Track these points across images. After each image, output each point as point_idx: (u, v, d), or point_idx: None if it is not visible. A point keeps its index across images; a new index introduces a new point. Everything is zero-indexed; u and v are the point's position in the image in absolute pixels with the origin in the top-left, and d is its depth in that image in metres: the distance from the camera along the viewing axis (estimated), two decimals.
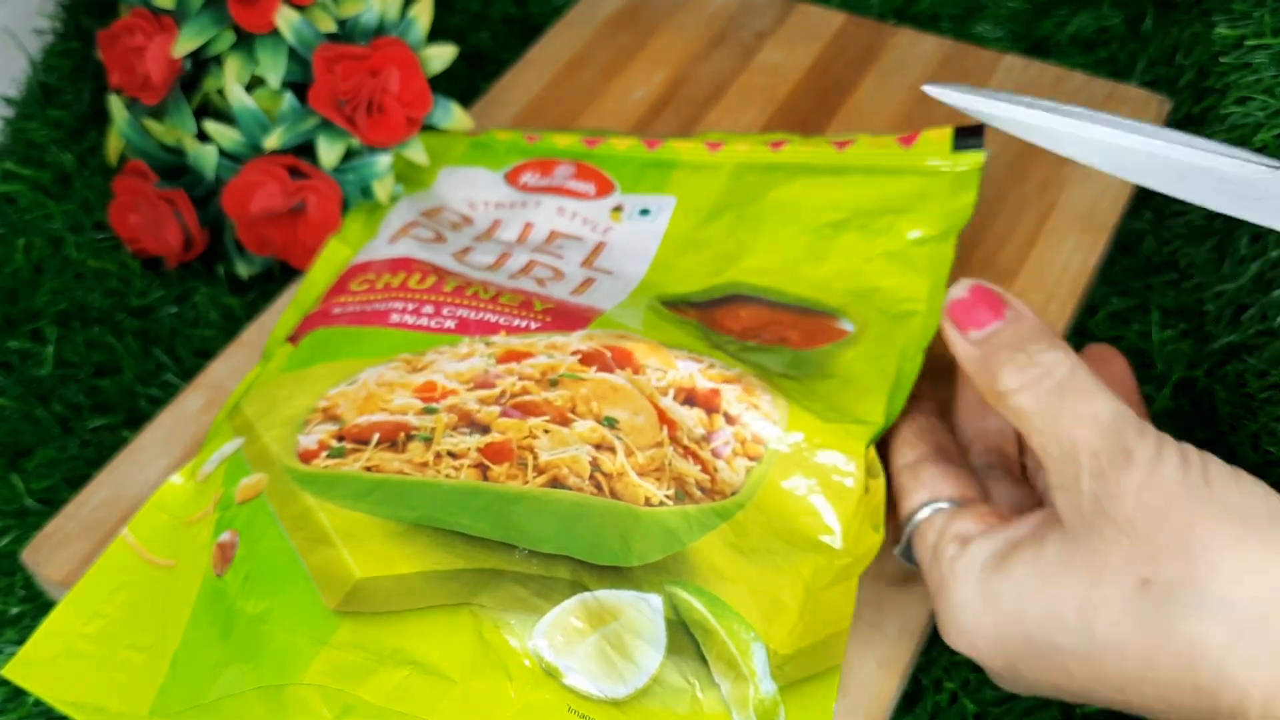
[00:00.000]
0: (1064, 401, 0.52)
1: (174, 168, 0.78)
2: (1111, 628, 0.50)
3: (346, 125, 0.75)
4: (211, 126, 0.75)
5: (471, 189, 0.79)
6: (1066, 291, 0.73)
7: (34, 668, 0.58)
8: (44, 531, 0.67)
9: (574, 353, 0.62)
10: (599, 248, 0.73)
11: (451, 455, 0.58)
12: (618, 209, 0.75)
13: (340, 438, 0.60)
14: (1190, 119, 0.80)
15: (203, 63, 0.77)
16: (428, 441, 0.58)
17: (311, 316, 0.69)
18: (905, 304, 0.67)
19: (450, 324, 0.65)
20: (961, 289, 0.56)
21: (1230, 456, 0.67)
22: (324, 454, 0.59)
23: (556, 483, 0.56)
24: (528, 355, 0.63)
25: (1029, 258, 0.75)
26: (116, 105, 0.77)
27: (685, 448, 0.59)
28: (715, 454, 0.60)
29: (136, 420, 0.74)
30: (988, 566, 0.54)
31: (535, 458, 0.57)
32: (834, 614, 0.59)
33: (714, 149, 0.76)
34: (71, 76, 0.91)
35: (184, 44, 0.74)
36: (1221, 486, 0.49)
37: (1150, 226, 0.79)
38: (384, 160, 0.77)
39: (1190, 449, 0.51)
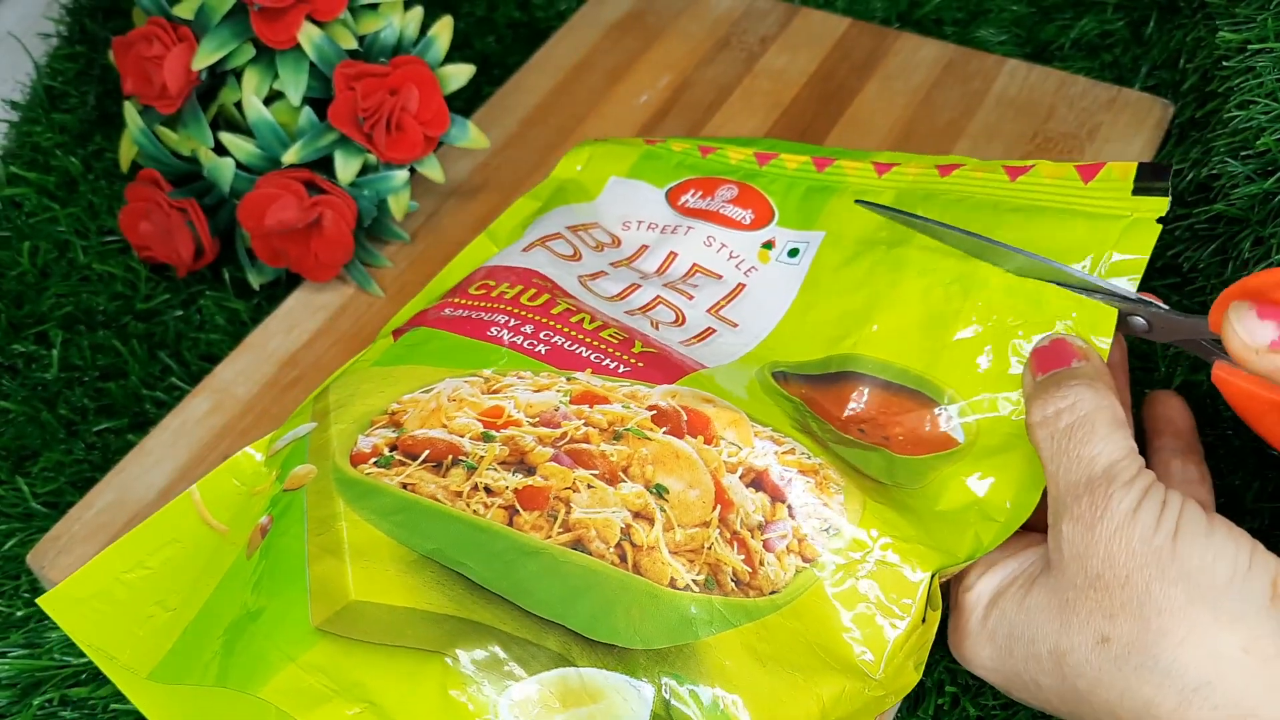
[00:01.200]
0: (1070, 442, 0.53)
1: (186, 176, 0.78)
2: (1078, 675, 0.52)
3: (365, 142, 0.75)
4: (228, 139, 0.75)
5: (630, 207, 0.75)
6: None
7: (67, 603, 0.58)
8: (49, 535, 0.67)
9: (650, 408, 0.59)
10: (736, 291, 0.70)
11: (487, 490, 0.56)
12: (768, 245, 0.70)
13: (393, 447, 0.58)
14: (1193, 123, 0.80)
15: (220, 74, 0.77)
16: (471, 470, 0.57)
17: (424, 313, 0.68)
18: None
19: (542, 349, 0.63)
20: (1048, 339, 0.58)
21: (1234, 460, 0.67)
22: (373, 460, 0.58)
23: (579, 544, 0.54)
24: (603, 400, 0.60)
25: None
26: (131, 113, 0.77)
27: (734, 533, 0.56)
28: (767, 546, 0.56)
29: (142, 424, 0.74)
30: (986, 601, 0.56)
31: (567, 512, 0.55)
32: None
33: (882, 171, 0.71)
34: (77, 80, 0.91)
35: (204, 57, 0.74)
36: (1188, 547, 0.50)
37: None
38: (400, 176, 0.77)
39: (1175, 502, 0.51)
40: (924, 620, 0.56)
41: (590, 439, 0.58)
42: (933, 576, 0.56)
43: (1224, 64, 0.76)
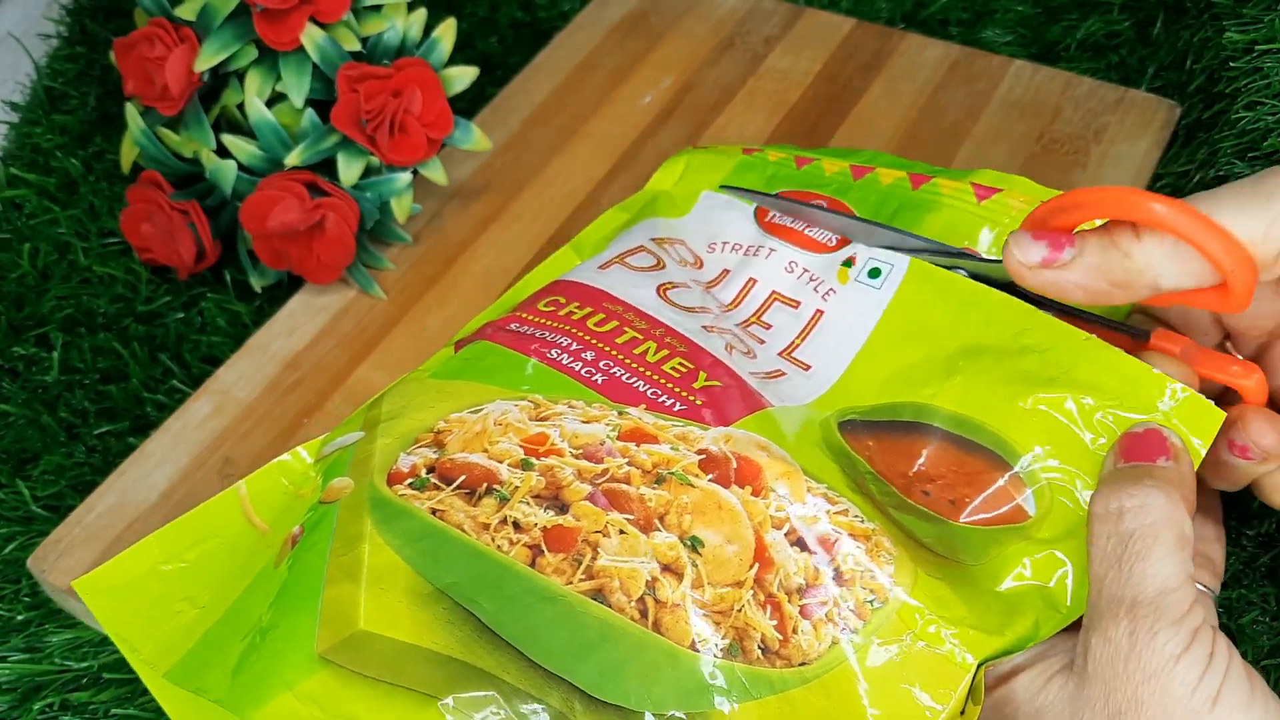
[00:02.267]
0: (1126, 550, 0.50)
1: (188, 178, 0.78)
2: None
3: (368, 144, 0.74)
4: (230, 140, 0.75)
5: (717, 228, 0.72)
6: None
7: (101, 589, 0.57)
8: (50, 538, 0.67)
9: (700, 451, 0.57)
10: (813, 322, 0.66)
11: (516, 526, 0.54)
12: (849, 263, 0.67)
13: (431, 469, 0.57)
14: (1200, 124, 0.80)
15: (222, 76, 0.77)
16: (503, 501, 0.55)
17: (490, 324, 0.66)
18: None
19: (598, 379, 0.61)
20: (1144, 426, 0.54)
21: None
22: (409, 481, 0.57)
23: (600, 594, 0.52)
24: (651, 439, 0.57)
25: None
26: (132, 114, 0.77)
27: (770, 595, 0.53)
28: (804, 612, 0.53)
29: (143, 427, 0.74)
30: (1001, 672, 0.53)
31: (593, 557, 0.53)
32: None
33: (983, 197, 0.67)
34: (77, 81, 0.91)
35: (206, 59, 0.74)
36: (1227, 711, 0.47)
37: None
38: (403, 178, 0.77)
39: (1221, 658, 0.48)
40: (962, 713, 0.52)
41: (631, 480, 0.55)
42: (980, 665, 0.52)
43: (1231, 65, 0.76)
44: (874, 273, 0.66)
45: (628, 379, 0.61)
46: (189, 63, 0.74)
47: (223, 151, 0.76)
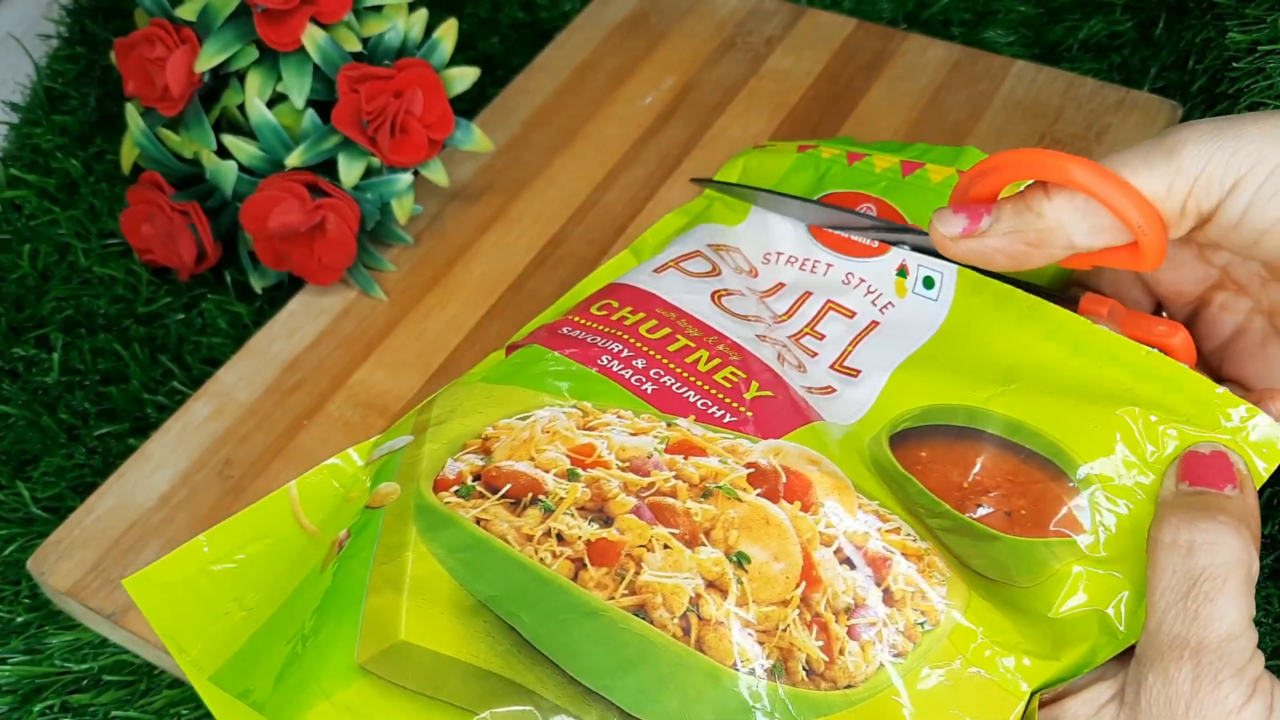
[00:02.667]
0: (1194, 589, 0.48)
1: (188, 178, 0.78)
2: None
3: (368, 145, 0.74)
4: (231, 141, 0.75)
5: (772, 239, 0.71)
6: None
7: (151, 587, 0.57)
8: (50, 540, 0.67)
9: (749, 465, 0.55)
10: (868, 329, 0.65)
11: (559, 538, 0.53)
12: (901, 273, 0.65)
13: (477, 476, 0.56)
14: None
15: (223, 76, 0.77)
16: (548, 512, 0.54)
17: (542, 328, 0.65)
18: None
19: (648, 388, 0.60)
20: (1209, 447, 0.52)
21: None
22: (454, 489, 0.56)
23: (642, 610, 0.51)
24: (699, 452, 0.56)
25: None
26: (133, 115, 0.77)
27: (816, 615, 0.52)
28: (852, 633, 0.51)
29: (144, 428, 0.74)
30: (1077, 715, 0.51)
31: (637, 572, 0.52)
32: None
33: None
34: (78, 82, 0.91)
35: (207, 59, 0.73)
36: None
37: None
38: (404, 179, 0.76)
39: (1277, 704, 0.47)
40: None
41: (678, 493, 0.54)
42: (1034, 694, 0.51)
43: (1234, 65, 0.75)
44: (928, 282, 0.65)
45: (678, 388, 0.60)
46: (190, 63, 0.74)
47: (223, 152, 0.76)
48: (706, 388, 0.60)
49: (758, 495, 0.54)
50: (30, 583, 0.68)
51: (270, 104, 0.76)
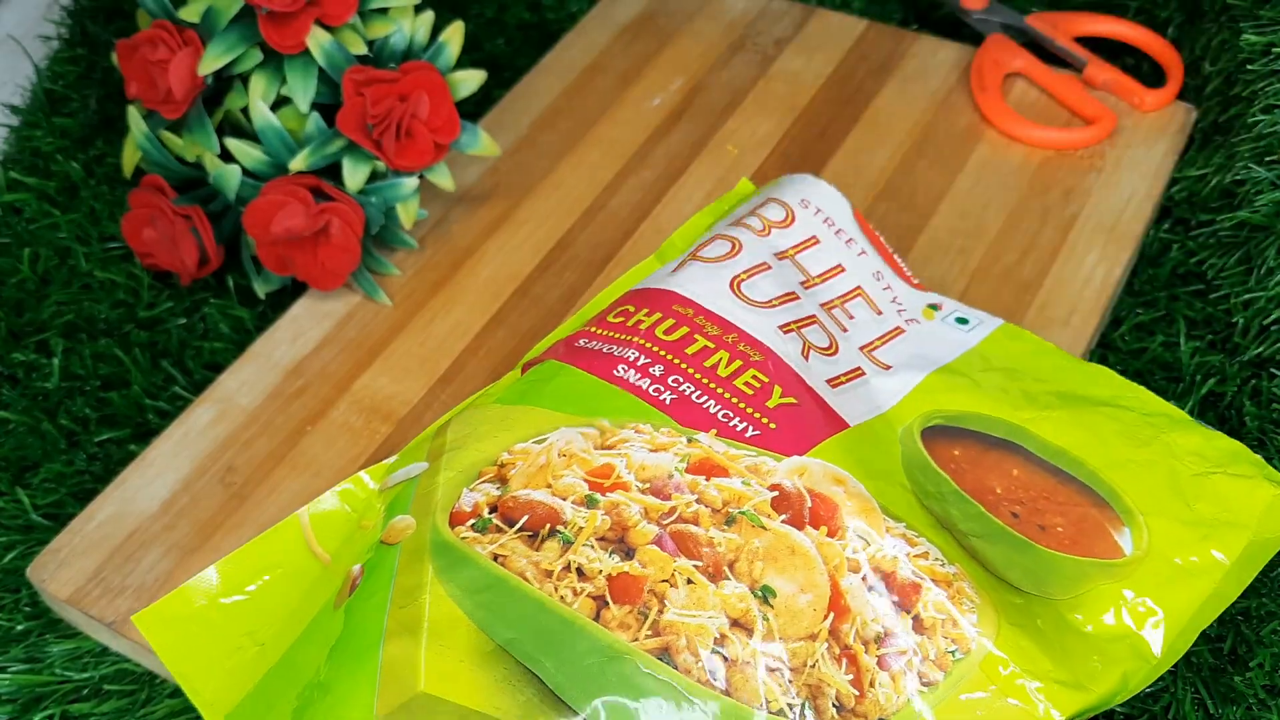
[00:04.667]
0: None
1: (190, 182, 0.77)
2: None
3: (373, 149, 0.74)
4: (234, 144, 0.74)
5: (813, 195, 0.71)
6: (1090, 304, 0.72)
7: (162, 622, 0.56)
8: (50, 547, 0.66)
9: (773, 487, 0.55)
10: (894, 333, 0.66)
11: (580, 573, 0.52)
12: (934, 307, 0.67)
13: (493, 508, 0.55)
14: (1217, 128, 0.79)
15: (226, 79, 0.76)
16: (567, 545, 0.53)
17: (559, 343, 0.64)
18: (1207, 547, 0.56)
19: (667, 398, 0.59)
20: None
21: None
22: (470, 523, 0.55)
23: (666, 653, 0.50)
24: (721, 473, 0.55)
25: (1051, 270, 0.74)
26: (135, 117, 0.76)
27: (846, 647, 0.51)
28: (882, 663, 0.51)
29: (145, 434, 0.73)
30: None
31: (660, 610, 0.51)
32: None
33: None
34: (78, 84, 0.90)
35: (210, 61, 0.73)
36: None
37: (1176, 237, 0.77)
38: (409, 183, 0.76)
39: None
40: None
41: (700, 520, 0.53)
42: None
43: (1248, 67, 0.75)
44: (961, 320, 0.66)
45: (698, 397, 0.59)
46: (193, 66, 0.73)
47: (226, 156, 0.75)
48: (727, 395, 0.59)
49: (782, 521, 0.53)
50: (30, 590, 0.68)
51: (274, 107, 0.75)
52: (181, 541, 0.66)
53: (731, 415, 0.58)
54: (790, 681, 0.50)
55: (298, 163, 0.74)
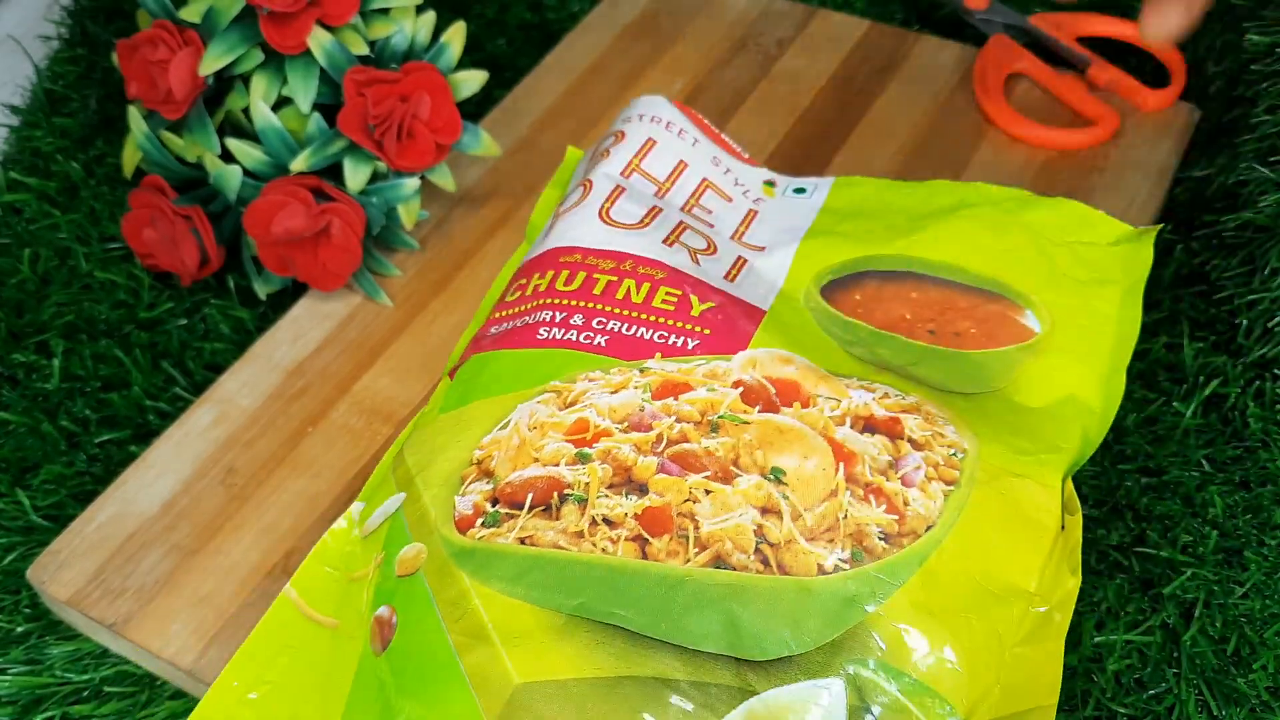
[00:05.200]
0: None
1: (190, 182, 0.77)
2: None
3: (374, 149, 0.74)
4: (235, 145, 0.74)
5: (635, 108, 0.74)
6: None
7: None
8: (50, 549, 0.66)
9: (735, 384, 0.57)
10: (750, 216, 0.69)
11: (608, 523, 0.53)
12: (770, 184, 0.72)
13: (494, 500, 0.55)
14: (1220, 128, 0.79)
15: (227, 79, 0.76)
16: (582, 504, 0.53)
17: (474, 341, 0.65)
18: (1093, 306, 0.63)
19: (601, 341, 0.60)
20: None
21: (1262, 474, 0.66)
22: (479, 522, 0.55)
23: (719, 560, 0.51)
24: (685, 388, 0.57)
25: None
26: (135, 117, 0.76)
27: (867, 484, 0.54)
28: (905, 481, 0.54)
29: (145, 435, 0.73)
30: None
31: (696, 528, 0.52)
32: (1036, 680, 0.53)
33: None
34: (78, 84, 0.90)
35: (211, 62, 0.73)
36: None
37: (1179, 237, 0.77)
38: (411, 184, 0.76)
39: None
40: (1063, 527, 0.54)
41: (688, 436, 0.55)
42: (1063, 482, 0.55)
43: (1252, 68, 0.75)
44: (799, 190, 0.70)
45: (629, 330, 0.60)
46: (193, 66, 0.73)
47: (227, 156, 0.75)
48: (653, 319, 0.61)
49: (760, 412, 0.56)
50: (30, 592, 0.68)
51: (275, 107, 0.75)
52: (182, 543, 0.66)
53: (667, 335, 0.60)
54: (832, 540, 0.51)
55: (299, 163, 0.73)
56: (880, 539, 0.52)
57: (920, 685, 0.49)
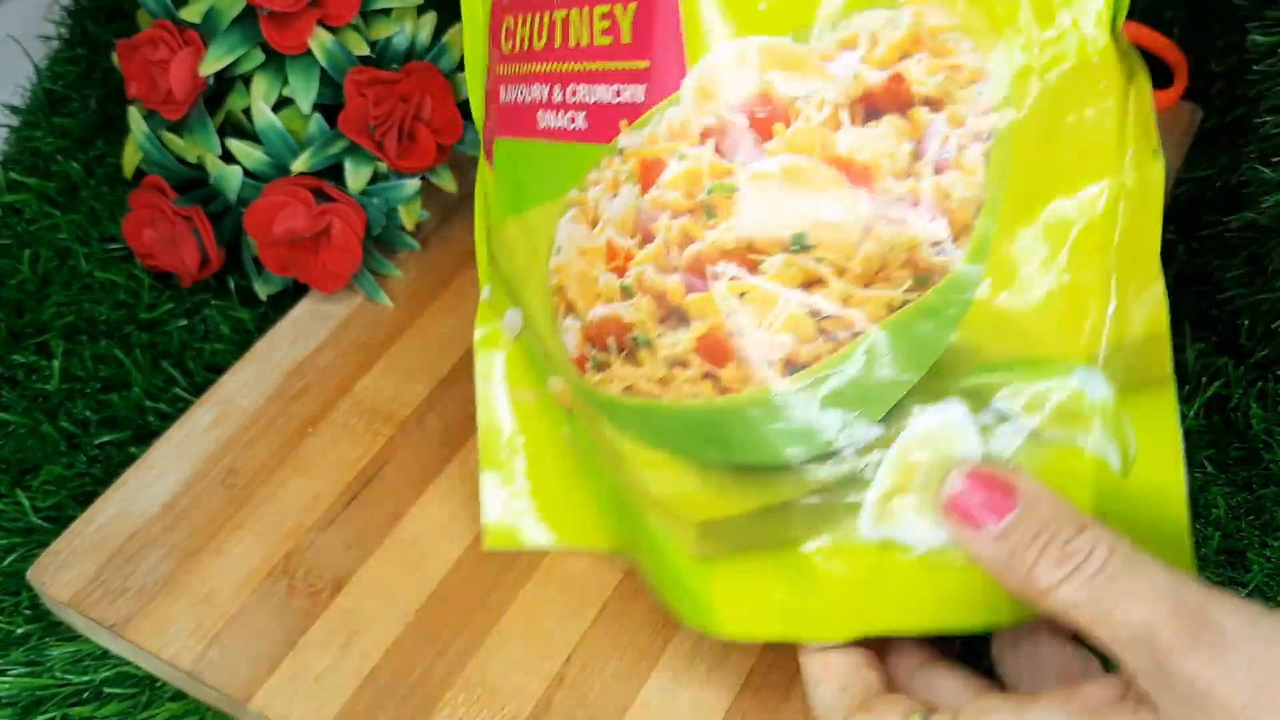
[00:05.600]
0: (1116, 584, 0.45)
1: (190, 182, 0.77)
2: None
3: (375, 150, 0.73)
4: (236, 145, 0.74)
5: None
6: None
7: (501, 532, 0.61)
8: (50, 550, 0.66)
9: (702, 135, 0.48)
10: None
11: (680, 364, 0.49)
12: None
13: (590, 342, 0.52)
14: (1222, 128, 0.79)
15: (228, 80, 0.76)
16: (649, 346, 0.50)
17: (490, 109, 0.59)
18: None
19: (581, 122, 0.52)
20: (957, 480, 0.49)
21: (1265, 476, 0.66)
22: (589, 365, 0.52)
23: (791, 364, 0.48)
24: (659, 167, 0.49)
25: None
26: (135, 118, 0.76)
27: (899, 198, 0.47)
28: (939, 168, 0.47)
29: (145, 436, 0.73)
30: None
31: (746, 337, 0.48)
32: (1146, 310, 0.50)
33: None
34: (78, 84, 0.90)
35: (211, 62, 0.73)
36: None
37: (1181, 238, 0.77)
38: (411, 185, 0.76)
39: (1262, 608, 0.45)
40: (1131, 79, 0.49)
41: (690, 234, 0.49)
42: (1113, 24, 0.48)
43: (1255, 68, 0.74)
44: None
45: (591, 97, 0.52)
46: (194, 66, 0.73)
47: (227, 157, 0.75)
48: (604, 66, 0.52)
49: (743, 164, 0.48)
50: (30, 593, 0.67)
51: (276, 108, 0.75)
52: (183, 543, 0.66)
53: (620, 87, 0.51)
54: (888, 278, 0.48)
55: (299, 164, 0.73)
56: (934, 249, 0.47)
57: (1023, 363, 0.48)
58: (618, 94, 0.50)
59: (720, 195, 0.48)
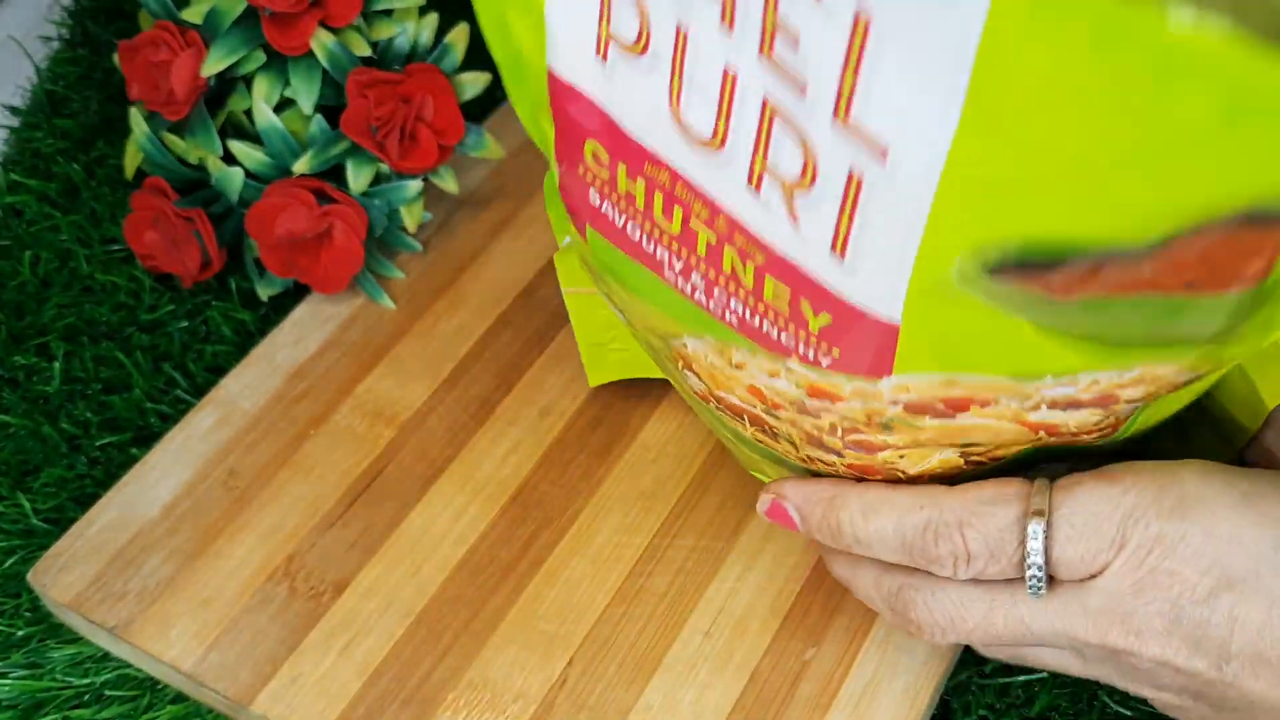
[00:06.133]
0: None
1: (192, 183, 0.77)
2: None
3: (377, 151, 0.73)
4: (237, 147, 0.74)
5: None
6: None
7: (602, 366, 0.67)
8: (51, 552, 0.66)
9: (893, 402, 0.45)
10: (859, 29, 0.35)
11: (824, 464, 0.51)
12: None
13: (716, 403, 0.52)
14: None
15: (229, 81, 0.76)
16: (793, 445, 0.50)
17: (571, 193, 0.49)
18: None
19: (732, 320, 0.46)
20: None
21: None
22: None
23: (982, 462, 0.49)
24: (836, 398, 0.46)
25: None
26: (136, 119, 0.76)
27: (1072, 434, 0.46)
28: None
29: (146, 438, 0.73)
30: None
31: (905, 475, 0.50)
32: None
33: None
34: (79, 85, 0.90)
35: (213, 64, 0.72)
36: None
37: None
38: (414, 186, 0.75)
39: None
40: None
41: (860, 429, 0.47)
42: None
43: None
44: None
45: (752, 320, 0.46)
46: (195, 67, 0.73)
47: (229, 158, 0.75)
48: (772, 314, 0.45)
49: (931, 419, 0.46)
50: (31, 595, 0.67)
51: (277, 109, 0.75)
52: (183, 546, 0.66)
53: (793, 341, 0.45)
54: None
55: (301, 165, 0.73)
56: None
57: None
58: (790, 343, 0.45)
59: (902, 425, 0.46)
